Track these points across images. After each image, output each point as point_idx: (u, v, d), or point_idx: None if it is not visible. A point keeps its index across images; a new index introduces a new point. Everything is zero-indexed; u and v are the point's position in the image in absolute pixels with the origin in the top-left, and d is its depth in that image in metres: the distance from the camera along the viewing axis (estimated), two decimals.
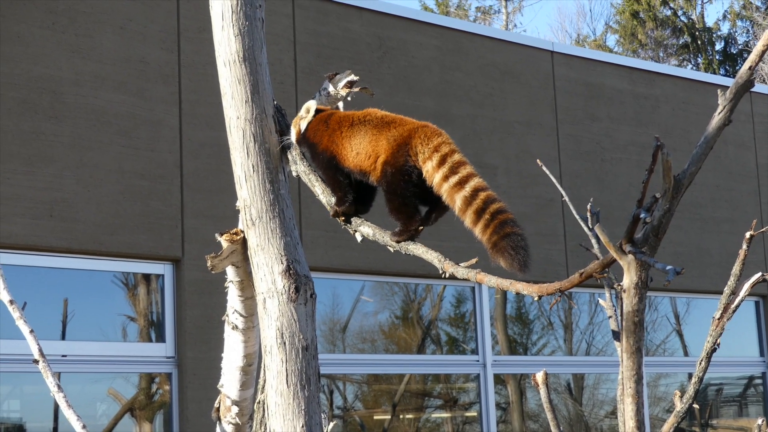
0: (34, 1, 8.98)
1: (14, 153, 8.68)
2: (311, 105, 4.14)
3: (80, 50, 9.16)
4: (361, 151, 3.93)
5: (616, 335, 6.12)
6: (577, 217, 6.22)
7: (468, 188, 3.68)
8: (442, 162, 3.76)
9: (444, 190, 3.73)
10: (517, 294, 11.93)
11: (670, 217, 2.72)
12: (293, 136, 4.04)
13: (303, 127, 4.07)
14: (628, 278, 2.72)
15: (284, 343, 3.82)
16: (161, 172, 9.43)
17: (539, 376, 4.15)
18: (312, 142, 4.04)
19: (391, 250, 3.88)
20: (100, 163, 9.11)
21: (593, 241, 6.16)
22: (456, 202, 3.69)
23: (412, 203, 3.84)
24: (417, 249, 3.77)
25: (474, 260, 3.57)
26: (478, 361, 11.54)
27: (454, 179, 3.71)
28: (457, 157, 3.77)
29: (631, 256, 2.70)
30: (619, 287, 2.76)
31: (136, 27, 9.51)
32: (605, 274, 3.07)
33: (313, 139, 4.05)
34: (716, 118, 3.04)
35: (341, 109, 4.30)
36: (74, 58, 9.11)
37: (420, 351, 11.59)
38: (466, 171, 3.73)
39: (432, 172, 3.76)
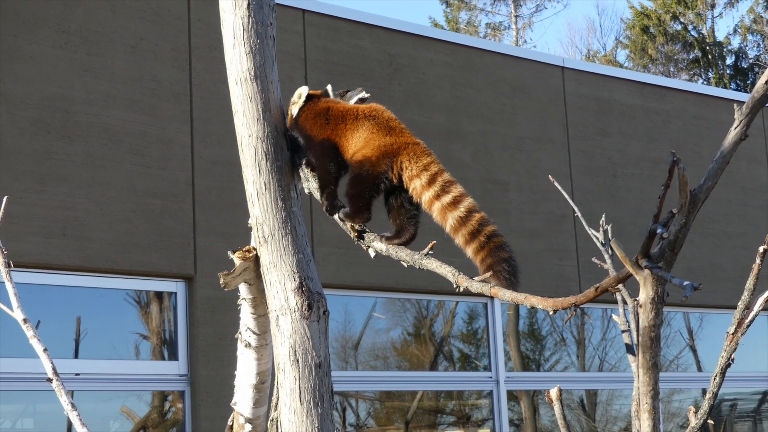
0: (47, 21, 9.02)
1: (27, 172, 8.70)
2: (303, 90, 4.20)
3: (92, 69, 9.19)
4: (359, 146, 4.00)
5: (630, 349, 6.11)
6: (590, 232, 6.22)
7: (462, 208, 3.76)
8: (432, 181, 3.83)
9: (435, 209, 3.80)
10: (531, 309, 11.93)
11: (687, 232, 2.71)
12: (286, 122, 4.08)
13: (294, 112, 4.11)
14: (645, 293, 2.71)
15: (297, 361, 3.81)
16: (173, 190, 9.45)
17: (553, 392, 4.14)
18: (308, 133, 4.09)
19: (405, 265, 3.88)
20: (113, 181, 9.13)
21: (606, 256, 6.15)
22: (449, 220, 3.77)
23: (371, 199, 3.94)
24: (431, 263, 3.77)
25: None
26: (491, 377, 11.52)
27: (446, 198, 3.79)
28: (446, 176, 3.85)
29: (647, 271, 2.69)
30: (636, 302, 2.75)
31: (148, 46, 9.54)
32: (620, 289, 3.06)
33: (309, 129, 4.10)
34: (732, 133, 3.03)
35: None
36: (86, 77, 9.14)
37: (432, 368, 11.57)
38: (457, 191, 3.80)
39: (421, 191, 3.84)
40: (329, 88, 4.36)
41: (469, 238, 3.73)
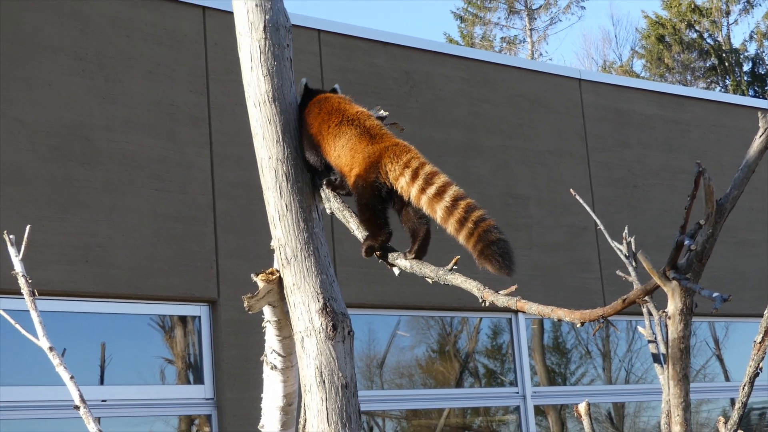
0: (64, 49, 9.05)
1: (48, 200, 8.73)
2: (303, 80, 4.21)
3: (110, 95, 9.22)
4: (342, 156, 3.99)
5: (657, 358, 6.08)
6: (613, 244, 6.19)
7: (447, 198, 3.74)
8: (414, 176, 3.82)
9: (423, 203, 3.79)
10: (556, 322, 11.89)
11: (714, 242, 2.69)
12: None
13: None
14: (673, 305, 2.69)
15: (323, 382, 3.81)
16: (194, 213, 9.46)
17: (582, 407, 4.11)
18: (305, 121, 4.10)
19: (429, 281, 3.87)
20: (133, 206, 9.15)
21: (630, 268, 6.12)
22: (437, 212, 3.75)
23: (382, 216, 3.93)
24: (455, 279, 3.75)
25: (513, 287, 3.56)
26: (517, 392, 11.48)
27: (431, 190, 3.77)
28: (428, 168, 3.83)
29: (675, 283, 2.67)
30: (664, 314, 2.73)
31: (165, 70, 9.57)
32: (648, 300, 3.04)
33: (306, 117, 4.11)
34: (757, 141, 3.01)
35: None
36: (104, 103, 9.17)
37: (458, 384, 11.54)
38: (441, 181, 3.79)
39: (407, 188, 3.83)
40: (337, 86, 4.37)
41: (458, 226, 3.70)
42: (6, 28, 8.79)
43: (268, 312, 4.04)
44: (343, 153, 3.97)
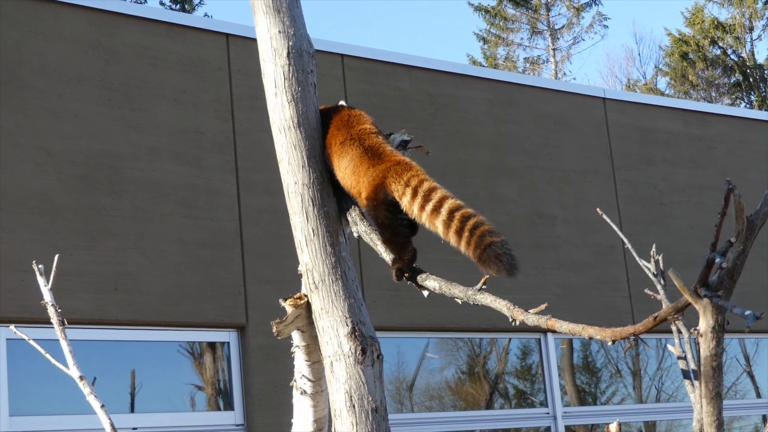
0: (89, 79, 9.11)
1: (76, 229, 8.77)
2: (341, 102, 4.31)
3: (136, 124, 9.26)
4: (347, 177, 4.00)
5: (687, 375, 6.05)
6: (640, 263, 6.18)
7: (444, 211, 3.75)
8: (414, 194, 3.83)
9: (424, 219, 3.81)
10: (585, 341, 11.84)
11: (744, 258, 2.68)
12: None
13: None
14: (705, 322, 2.68)
15: (353, 406, 3.80)
16: (222, 240, 9.48)
17: (613, 427, 4.09)
18: (323, 129, 4.14)
19: (459, 302, 3.86)
20: (161, 234, 9.18)
21: (658, 286, 6.10)
22: (438, 227, 3.77)
23: (402, 233, 3.94)
24: (485, 298, 3.74)
25: (543, 306, 3.55)
26: (547, 413, 11.43)
27: (429, 207, 3.78)
28: (426, 185, 3.83)
29: (706, 300, 2.66)
30: (695, 331, 2.72)
31: (190, 98, 9.61)
32: (679, 318, 3.02)
33: (323, 126, 4.14)
34: None
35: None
36: (130, 132, 9.22)
37: (488, 406, 11.50)
38: (438, 196, 3.80)
39: (409, 206, 3.84)
40: (342, 102, 4.38)
41: (457, 237, 3.72)
42: (32, 60, 8.85)
43: (296, 337, 4.04)
44: (347, 174, 3.99)
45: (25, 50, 8.84)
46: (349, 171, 3.98)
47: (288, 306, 3.96)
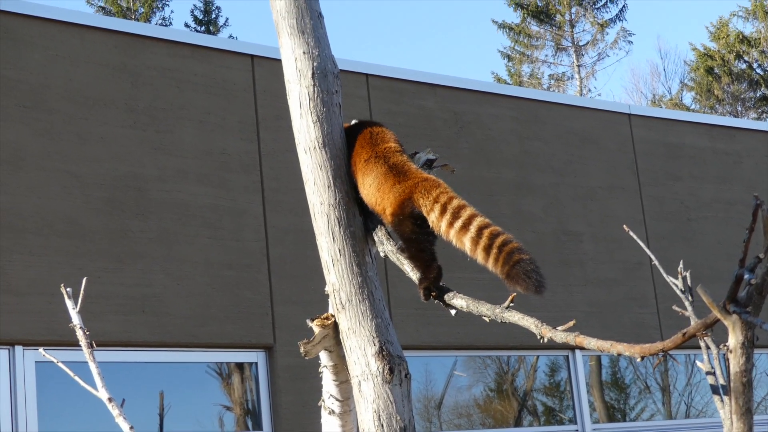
0: (115, 102, 9.16)
1: (104, 251, 8.80)
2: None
3: (162, 146, 9.30)
4: (371, 194, 4.01)
5: (716, 390, 6.02)
6: (668, 279, 6.15)
7: (473, 229, 3.75)
8: (443, 210, 3.83)
9: (452, 236, 3.81)
10: (613, 358, 11.79)
11: None
12: None
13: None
14: (734, 339, 2.66)
15: (382, 425, 3.80)
16: (248, 261, 9.50)
17: None
18: (348, 145, 4.15)
19: (486, 320, 3.85)
20: (188, 255, 9.20)
21: (686, 303, 6.08)
22: (465, 244, 3.77)
23: (428, 250, 3.95)
24: (512, 316, 3.74)
25: (571, 323, 3.54)
26: (577, 430, 11.39)
27: (458, 224, 3.79)
28: (456, 202, 3.84)
29: (735, 316, 2.65)
30: (725, 348, 2.70)
31: (215, 119, 9.65)
32: (708, 334, 3.01)
33: (348, 142, 4.16)
34: None
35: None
36: (156, 154, 9.26)
37: (517, 423, 11.46)
38: (467, 213, 3.80)
39: (437, 222, 3.84)
40: (355, 121, 4.39)
41: (485, 254, 3.72)
42: (58, 84, 8.91)
43: (324, 357, 4.04)
44: (372, 191, 3.99)
45: (51, 74, 8.89)
46: (373, 188, 3.98)
47: (315, 326, 3.96)
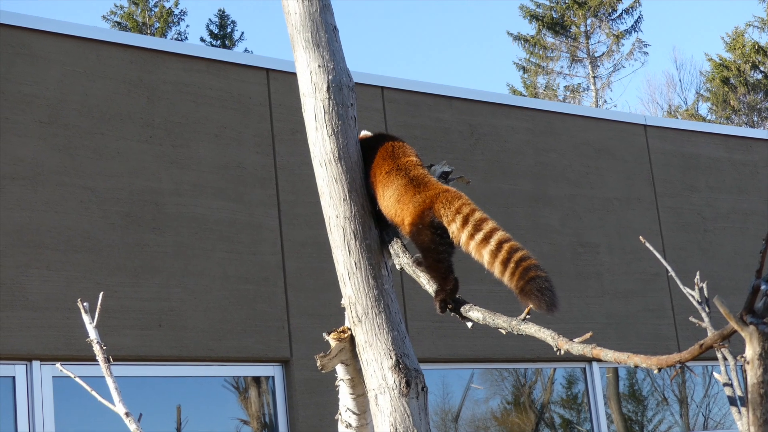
0: (131, 117, 9.18)
1: (120, 266, 8.82)
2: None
3: (178, 160, 9.32)
4: (391, 206, 4.04)
5: (734, 401, 6.01)
6: (684, 290, 6.14)
7: (493, 242, 3.79)
8: (465, 222, 3.86)
9: (472, 248, 3.84)
10: (630, 370, 11.76)
11: None
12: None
13: (360, 134, 4.28)
14: (751, 350, 2.66)
15: None
16: (265, 274, 9.51)
17: None
18: (364, 158, 4.19)
19: (503, 332, 3.85)
20: (205, 270, 9.22)
21: (703, 314, 6.06)
22: (484, 256, 3.80)
23: (446, 260, 3.96)
24: (529, 328, 3.73)
25: (588, 335, 3.53)
26: None
27: (479, 236, 3.82)
28: (478, 215, 3.88)
29: (752, 327, 2.64)
30: (742, 359, 2.70)
31: (231, 133, 9.67)
32: (725, 345, 3.00)
33: (365, 155, 4.19)
34: None
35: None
36: (173, 168, 9.28)
37: None
38: (489, 227, 3.84)
39: (458, 233, 3.87)
40: (366, 132, 4.41)
41: (502, 267, 3.76)
42: (74, 99, 8.94)
43: (341, 370, 4.05)
44: (391, 203, 4.01)
45: (68, 89, 8.93)
46: (393, 199, 4.00)
47: (332, 339, 3.97)
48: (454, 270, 3.97)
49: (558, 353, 3.63)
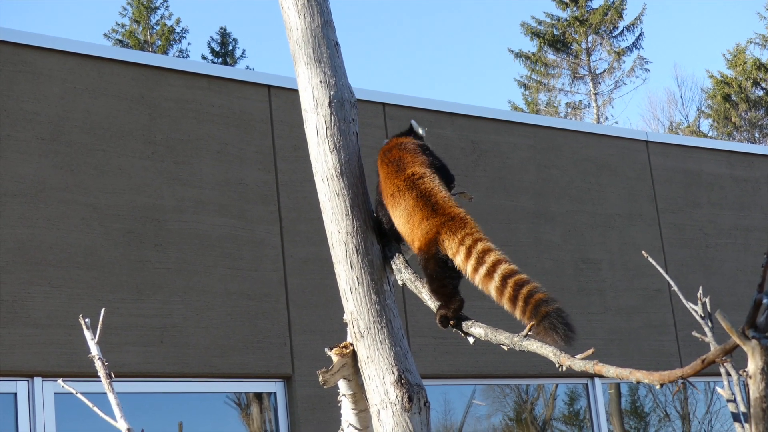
0: (133, 134, 9.19)
1: (123, 283, 8.82)
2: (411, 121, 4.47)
3: (180, 177, 9.33)
4: (401, 224, 4.03)
5: (737, 417, 6.00)
6: (687, 305, 6.13)
7: (497, 277, 3.75)
8: (468, 254, 3.83)
9: (477, 282, 3.82)
10: (632, 386, 11.74)
11: None
12: None
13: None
14: (754, 364, 2.65)
15: None
16: (267, 291, 9.51)
17: None
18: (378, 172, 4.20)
19: (505, 348, 3.85)
20: (207, 286, 9.22)
21: (706, 329, 6.06)
22: (491, 292, 3.78)
23: (450, 284, 3.94)
24: (531, 345, 3.73)
25: (590, 351, 3.53)
26: None
27: (482, 270, 3.79)
28: (480, 246, 3.83)
29: (755, 342, 2.64)
30: (744, 373, 2.70)
31: (233, 150, 9.68)
32: (728, 360, 3.00)
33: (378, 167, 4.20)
34: None
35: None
36: (175, 185, 9.28)
37: None
38: (491, 259, 3.79)
39: (463, 265, 3.85)
40: (413, 122, 4.41)
41: (511, 304, 3.73)
42: (76, 116, 8.95)
43: (343, 386, 4.04)
44: (401, 222, 4.01)
45: (69, 107, 8.94)
46: (403, 219, 4.00)
47: (334, 355, 3.97)
48: (459, 292, 3.96)
49: (560, 369, 3.63)
